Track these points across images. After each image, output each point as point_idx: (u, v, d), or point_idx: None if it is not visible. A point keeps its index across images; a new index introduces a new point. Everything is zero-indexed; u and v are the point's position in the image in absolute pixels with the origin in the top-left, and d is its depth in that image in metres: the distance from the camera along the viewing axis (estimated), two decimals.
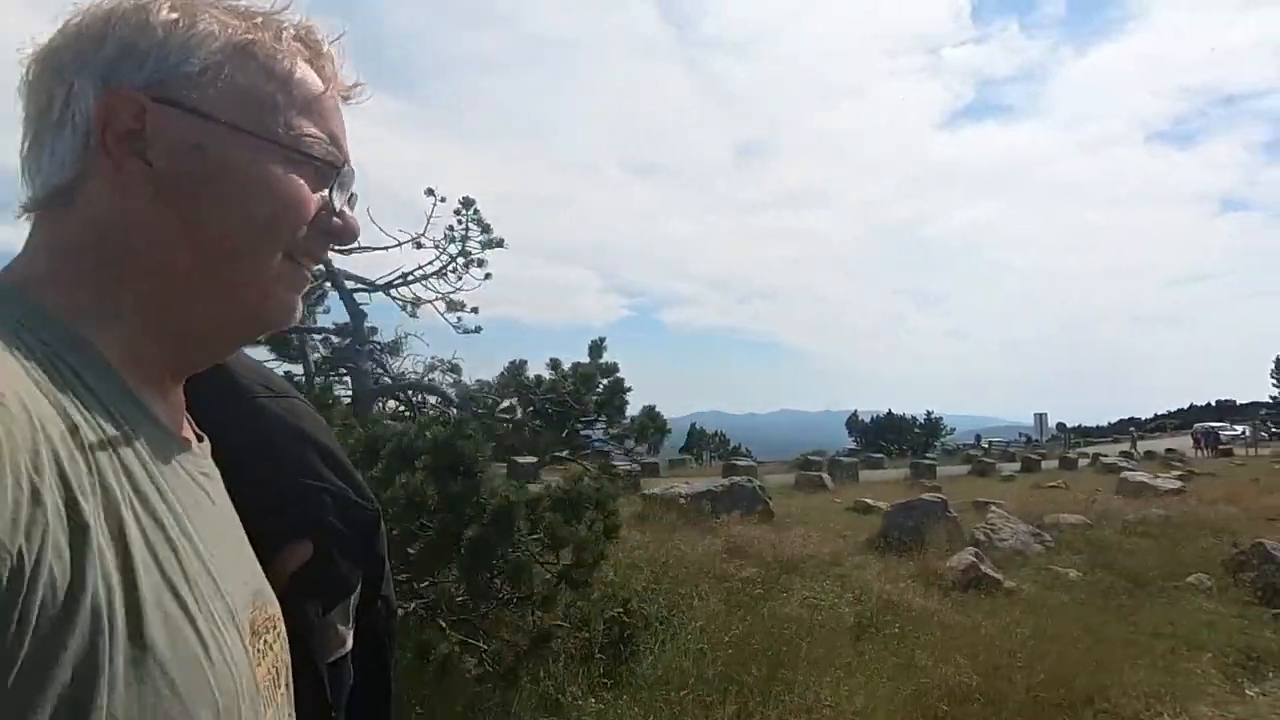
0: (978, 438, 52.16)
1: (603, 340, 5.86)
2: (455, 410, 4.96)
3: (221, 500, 0.56)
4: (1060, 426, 48.80)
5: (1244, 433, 42.25)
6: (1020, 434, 54.12)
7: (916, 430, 44.02)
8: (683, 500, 11.49)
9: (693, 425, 47.97)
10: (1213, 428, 45.57)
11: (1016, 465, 29.40)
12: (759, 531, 7.79)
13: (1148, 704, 4.37)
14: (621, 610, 3.66)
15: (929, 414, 44.56)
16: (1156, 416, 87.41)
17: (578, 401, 4.90)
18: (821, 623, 5.07)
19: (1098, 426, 73.35)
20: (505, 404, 5.55)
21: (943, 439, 44.87)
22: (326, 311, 5.52)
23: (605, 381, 5.81)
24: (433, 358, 6.36)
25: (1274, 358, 21.76)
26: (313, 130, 0.57)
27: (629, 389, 5.87)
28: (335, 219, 0.60)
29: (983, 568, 6.35)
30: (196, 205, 0.52)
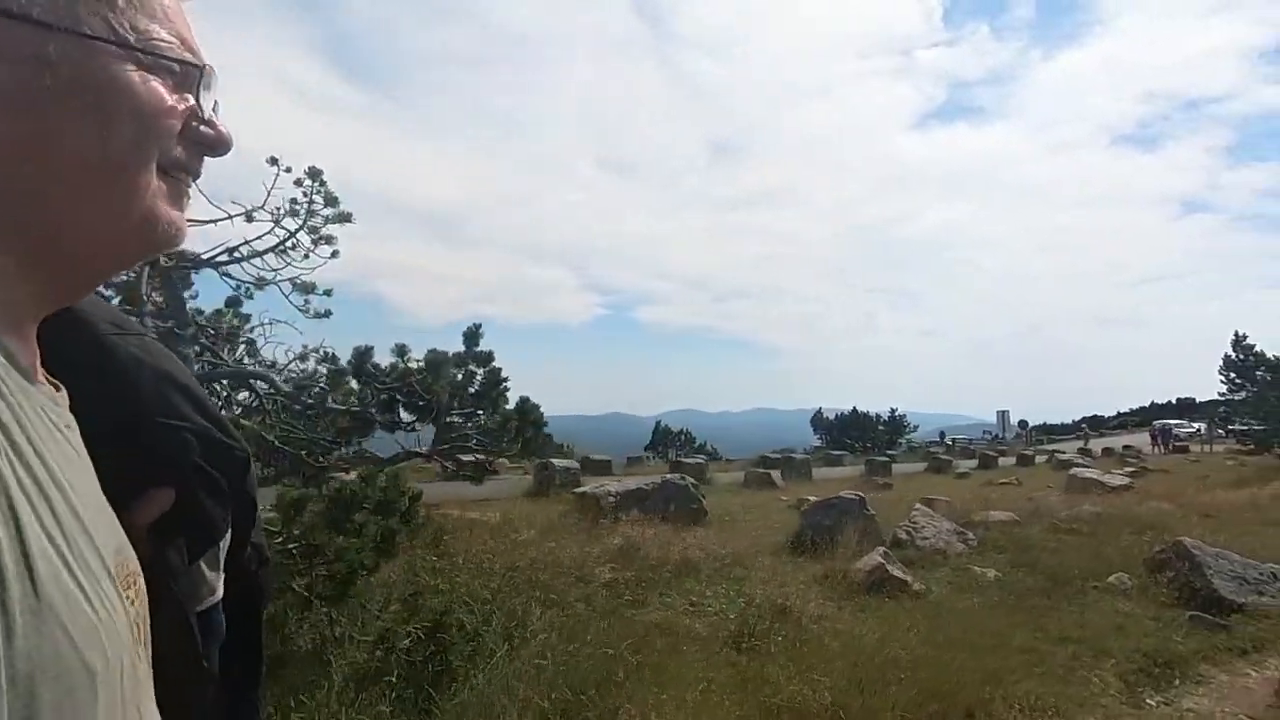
0: (942, 435, 52.56)
1: (479, 327, 5.40)
2: (283, 400, 4.48)
3: (84, 452, 0.53)
4: (1022, 424, 49.17)
5: (1200, 430, 42.93)
6: (985, 431, 54.64)
7: (880, 428, 44.12)
8: (611, 499, 11.10)
9: (658, 423, 47.70)
10: (1169, 425, 46.27)
11: (974, 462, 29.47)
12: (663, 531, 7.37)
13: (1031, 717, 4.03)
14: (430, 625, 3.19)
15: (893, 411, 44.68)
16: (1119, 414, 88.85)
17: (427, 392, 4.43)
18: (696, 633, 4.65)
19: (1062, 424, 74.44)
20: (369, 396, 5.06)
21: (907, 436, 45.05)
22: (158, 289, 4.99)
23: (481, 372, 5.35)
24: (304, 345, 5.85)
25: (1222, 355, 21.96)
26: (161, 33, 0.51)
27: (506, 379, 5.42)
28: (205, 127, 0.55)
29: (890, 569, 5.99)
30: (47, 123, 0.46)
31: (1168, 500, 13.28)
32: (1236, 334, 22.78)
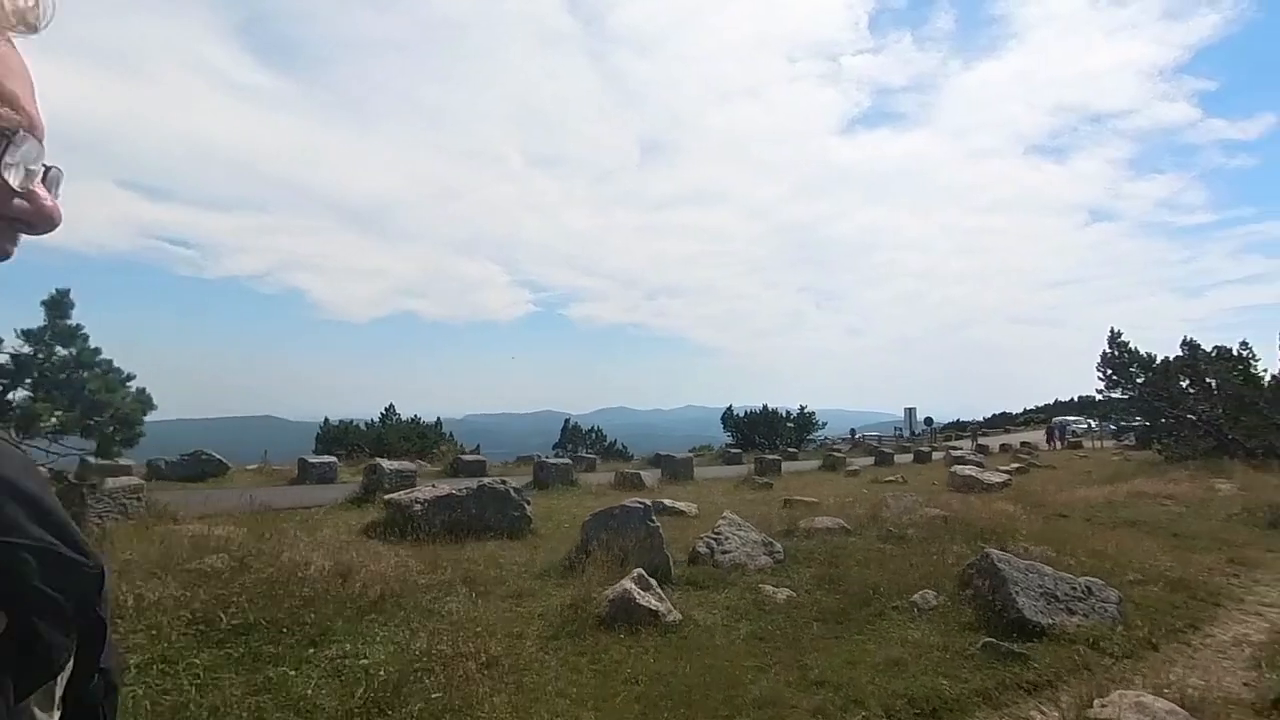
0: (853, 432, 53.00)
1: (66, 293, 4.06)
2: None
3: None
4: (927, 420, 49.96)
5: (1092, 426, 44.44)
6: (896, 428, 55.41)
7: (790, 425, 43.96)
8: (418, 507, 9.81)
9: (566, 420, 46.47)
10: (1066, 422, 47.82)
11: (871, 459, 29.26)
12: (409, 547, 6.15)
13: None
14: None
15: (802, 408, 44.60)
16: (1025, 411, 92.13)
17: None
18: (305, 704, 3.44)
19: (973, 421, 76.74)
20: None
21: (816, 433, 45.08)
22: None
23: (68, 353, 4.00)
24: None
25: (1100, 353, 22.24)
26: None
27: (101, 359, 4.09)
28: (18, 200, 0.49)
29: (639, 598, 4.92)
30: None
31: (1032, 499, 12.84)
32: (1113, 331, 23.12)
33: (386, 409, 39.43)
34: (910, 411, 47.85)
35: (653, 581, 5.18)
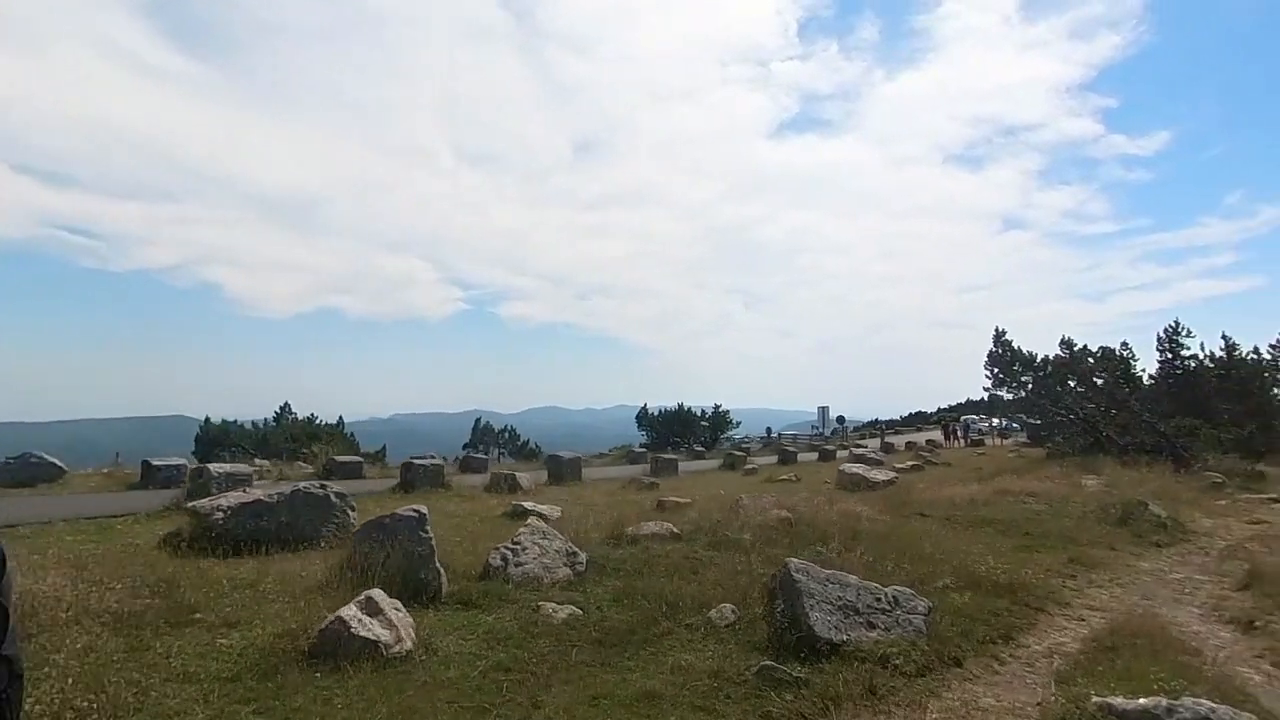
0: (769, 430, 53.40)
1: None
2: None
3: None
4: (840, 419, 50.76)
5: (992, 425, 45.94)
6: (814, 427, 56.18)
7: (704, 424, 43.85)
8: (219, 516, 8.77)
9: (477, 420, 45.19)
10: (971, 420, 49.38)
11: (775, 458, 29.20)
12: (143, 568, 5.23)
13: None
14: None
15: (716, 407, 44.59)
16: (939, 410, 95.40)
17: None
18: None
19: (889, 420, 78.82)
20: None
21: (730, 431, 45.13)
22: None
23: None
24: None
25: (987, 352, 22.75)
26: None
27: None
28: None
29: (356, 627, 4.15)
30: None
31: (901, 497, 12.64)
32: (998, 330, 23.63)
33: (281, 408, 37.33)
34: (823, 410, 48.49)
35: (387, 604, 4.42)
